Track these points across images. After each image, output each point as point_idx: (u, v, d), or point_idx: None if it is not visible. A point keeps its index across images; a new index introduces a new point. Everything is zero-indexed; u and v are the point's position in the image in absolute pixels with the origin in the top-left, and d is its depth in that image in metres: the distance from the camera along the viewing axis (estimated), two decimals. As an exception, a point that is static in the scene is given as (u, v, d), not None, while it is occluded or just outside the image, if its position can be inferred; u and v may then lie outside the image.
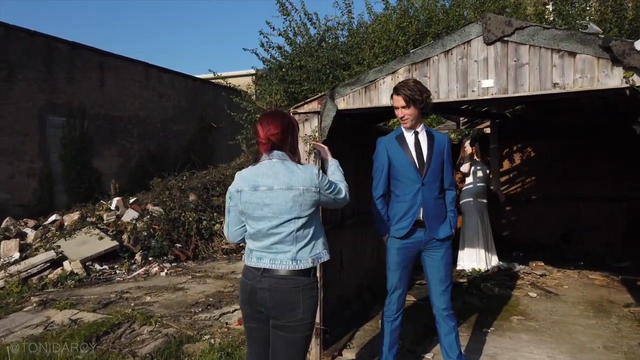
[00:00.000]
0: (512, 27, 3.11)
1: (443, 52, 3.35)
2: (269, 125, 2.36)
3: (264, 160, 2.39)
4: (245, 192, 2.37)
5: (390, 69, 3.52)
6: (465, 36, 3.27)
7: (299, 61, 9.25)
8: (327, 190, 2.36)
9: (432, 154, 3.18)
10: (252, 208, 2.35)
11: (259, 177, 2.35)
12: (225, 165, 13.17)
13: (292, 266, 2.29)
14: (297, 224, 2.29)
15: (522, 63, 3.11)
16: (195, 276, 6.97)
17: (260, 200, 2.32)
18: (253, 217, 2.36)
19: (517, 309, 5.12)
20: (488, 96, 3.24)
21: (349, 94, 3.68)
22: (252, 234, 2.40)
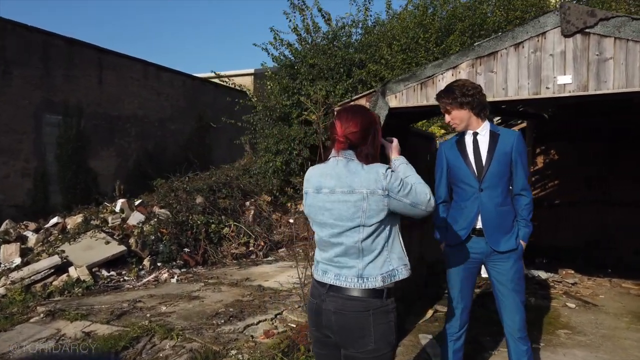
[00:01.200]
0: (595, 17, 2.82)
1: (513, 45, 3.06)
2: (349, 122, 2.05)
3: (331, 159, 2.10)
4: (310, 194, 2.12)
5: (451, 63, 3.22)
6: (539, 27, 2.98)
7: (311, 59, 8.93)
8: (399, 193, 1.95)
9: (493, 155, 2.88)
10: (314, 212, 2.10)
11: (323, 178, 2.07)
12: (228, 166, 12.81)
13: (358, 284, 1.98)
14: (362, 234, 1.97)
15: (606, 57, 2.83)
16: (208, 283, 6.61)
17: (322, 203, 2.05)
18: (317, 222, 2.10)
19: (560, 321, 4.85)
20: (565, 94, 2.95)
21: (402, 90, 3.38)
22: (317, 242, 2.14)
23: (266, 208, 10.45)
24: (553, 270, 6.76)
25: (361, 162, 2.03)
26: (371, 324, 1.96)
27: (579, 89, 2.90)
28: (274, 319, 5.07)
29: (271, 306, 5.51)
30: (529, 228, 2.91)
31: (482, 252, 2.94)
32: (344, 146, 2.04)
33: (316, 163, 2.31)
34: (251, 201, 10.44)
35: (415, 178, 2.07)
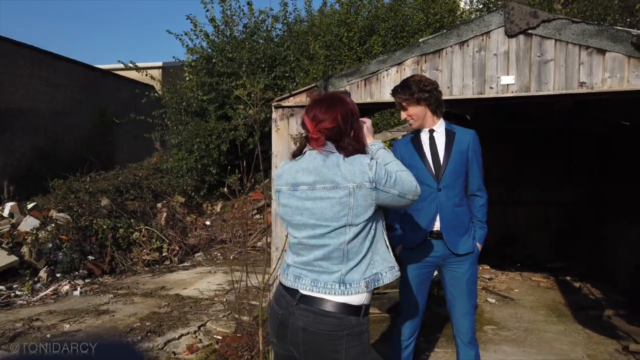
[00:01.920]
0: (538, 18, 2.84)
1: (458, 43, 3.00)
2: (322, 117, 1.81)
3: (307, 152, 1.86)
4: (284, 192, 1.88)
5: (396, 60, 3.10)
6: (484, 26, 2.95)
7: (230, 52, 8.52)
8: (386, 184, 1.75)
9: (451, 153, 2.80)
10: (289, 212, 1.85)
11: (299, 174, 1.83)
12: (135, 165, 11.91)
13: (340, 291, 1.75)
14: (348, 235, 1.75)
15: (547, 59, 2.86)
16: (118, 294, 5.99)
17: (299, 202, 1.81)
18: (292, 224, 1.86)
19: (484, 317, 4.98)
20: (508, 94, 2.94)
21: (345, 86, 3.20)
22: (291, 244, 1.90)
23: (180, 210, 9.83)
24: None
25: (341, 154, 1.80)
26: (343, 347, 1.73)
27: (521, 89, 2.91)
28: (197, 332, 4.67)
29: (193, 317, 5.08)
30: (485, 230, 2.85)
31: (440, 256, 2.83)
32: (320, 142, 1.80)
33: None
34: (163, 203, 9.75)
35: (397, 165, 1.88)
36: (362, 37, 7.42)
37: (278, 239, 3.43)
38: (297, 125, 3.29)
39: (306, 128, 1.82)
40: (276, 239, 3.43)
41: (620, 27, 2.83)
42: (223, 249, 9.12)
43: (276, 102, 3.31)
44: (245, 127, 8.85)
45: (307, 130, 1.82)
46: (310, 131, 1.80)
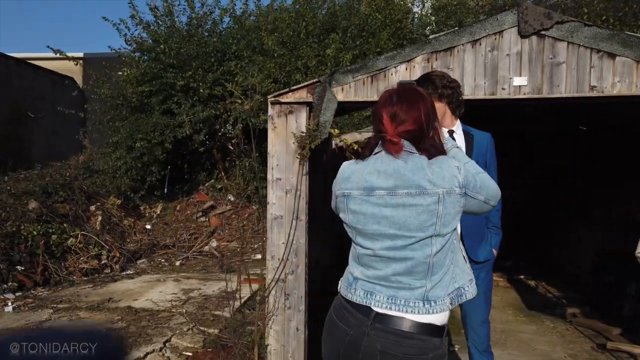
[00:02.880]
0: (551, 20, 2.81)
1: (470, 42, 2.91)
2: (404, 115, 1.59)
3: (381, 151, 1.63)
4: (354, 197, 1.64)
5: (406, 57, 2.95)
6: (497, 25, 2.88)
7: (176, 44, 7.99)
8: (474, 189, 1.59)
9: (472, 157, 2.69)
10: (362, 220, 1.62)
11: (375, 176, 1.61)
12: (60, 164, 10.87)
13: (424, 309, 1.55)
14: (435, 246, 1.56)
15: (559, 61, 2.84)
16: (59, 309, 5.35)
17: (375, 209, 1.59)
18: (366, 234, 1.62)
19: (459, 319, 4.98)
20: (520, 95, 2.89)
21: (350, 82, 3.00)
22: (361, 256, 1.66)
23: (116, 213, 9.07)
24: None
25: (423, 155, 1.59)
26: None
27: (533, 91, 2.87)
28: (164, 349, 4.24)
29: (154, 332, 4.62)
30: (500, 235, 2.78)
31: None
32: (399, 148, 1.58)
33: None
34: (97, 205, 8.95)
35: (474, 166, 1.70)
36: (321, 34, 7.23)
37: (274, 246, 3.15)
38: (296, 123, 3.03)
39: (382, 128, 1.60)
40: (272, 246, 3.14)
41: (630, 33, 2.88)
42: (167, 254, 8.53)
43: (273, 98, 3.03)
44: (191, 123, 8.34)
45: (382, 131, 1.59)
46: (389, 133, 1.57)
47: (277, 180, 3.10)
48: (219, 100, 8.46)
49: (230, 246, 9.07)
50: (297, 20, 7.38)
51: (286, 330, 3.15)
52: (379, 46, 7.11)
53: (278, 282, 3.11)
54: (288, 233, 3.04)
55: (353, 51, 7.06)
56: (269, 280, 3.15)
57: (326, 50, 6.90)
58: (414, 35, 7.38)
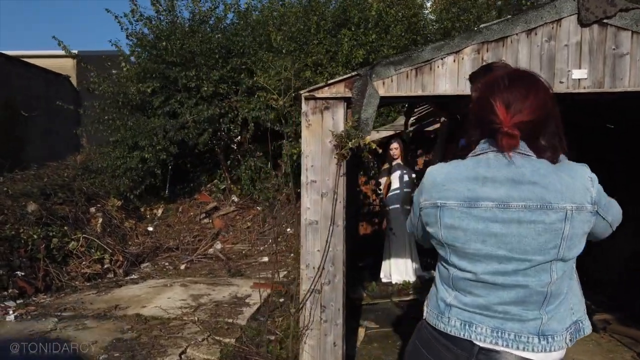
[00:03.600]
0: (615, 7, 2.59)
1: (525, 31, 2.67)
2: (519, 102, 1.31)
3: (487, 152, 1.37)
4: (452, 208, 1.37)
5: (454, 47, 2.71)
6: (555, 13, 2.65)
7: (178, 40, 7.70)
8: (604, 208, 1.34)
9: None
10: (463, 238, 1.35)
11: (479, 184, 1.33)
12: (57, 164, 10.55)
13: (540, 346, 1.30)
14: (555, 273, 1.30)
15: (622, 53, 2.62)
16: (63, 317, 5.06)
17: (481, 225, 1.32)
18: (465, 254, 1.36)
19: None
20: (579, 89, 2.66)
21: (393, 75, 2.76)
22: (457, 279, 1.40)
23: (117, 214, 8.77)
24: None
25: (544, 159, 1.33)
26: None
27: (594, 85, 2.65)
28: (181, 361, 3.98)
29: (168, 343, 4.36)
30: None
31: None
32: (515, 142, 1.30)
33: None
34: (97, 207, 8.64)
35: None
36: (333, 29, 6.98)
37: (309, 254, 2.90)
38: (332, 120, 2.78)
39: (494, 119, 1.31)
40: (307, 254, 2.89)
41: None
42: (171, 257, 8.24)
43: (308, 93, 2.78)
44: (195, 123, 8.07)
45: (494, 122, 1.32)
46: (504, 123, 1.29)
47: (312, 182, 2.85)
48: (223, 98, 8.19)
49: (235, 248, 8.81)
50: (307, 14, 7.12)
51: (322, 346, 2.90)
52: (393, 42, 6.87)
53: (313, 292, 2.86)
54: (326, 240, 2.79)
55: (366, 47, 6.82)
56: (304, 290, 2.90)
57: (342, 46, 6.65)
58: (427, 31, 7.15)
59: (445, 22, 7.18)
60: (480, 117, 1.38)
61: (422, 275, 6.50)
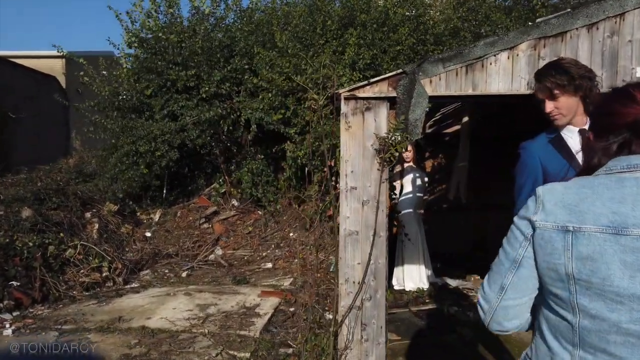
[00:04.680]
0: (684, 1, 2.39)
1: (586, 26, 2.48)
2: None
3: (635, 171, 1.14)
4: (589, 234, 1.11)
5: (509, 43, 2.50)
6: (618, 6, 2.46)
7: (177, 37, 7.43)
8: None
9: None
10: (604, 273, 1.09)
11: (628, 205, 1.09)
12: (49, 167, 10.19)
13: None
14: None
15: (689, 49, 2.42)
16: (64, 331, 4.75)
17: (631, 257, 1.07)
18: (603, 293, 1.09)
19: (512, 337, 4.57)
20: (643, 89, 2.45)
21: (441, 73, 2.54)
22: (586, 331, 1.12)
23: (113, 220, 8.44)
24: (454, 276, 6.67)
25: None
26: None
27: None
28: (197, 380, 3.72)
29: (179, 358, 4.09)
30: None
31: None
32: None
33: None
34: (93, 212, 8.30)
35: None
36: (339, 28, 6.76)
37: (349, 267, 2.67)
38: (374, 122, 2.56)
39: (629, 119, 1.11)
40: (345, 267, 2.66)
41: None
42: (170, 264, 7.94)
43: (348, 92, 2.55)
44: (195, 126, 7.80)
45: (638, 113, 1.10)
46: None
47: (352, 189, 2.62)
48: (225, 99, 7.93)
49: (237, 254, 8.53)
50: (312, 13, 6.89)
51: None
52: (400, 42, 6.67)
53: (352, 309, 2.63)
54: (368, 252, 2.56)
55: (373, 49, 6.61)
56: (343, 307, 2.66)
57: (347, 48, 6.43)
58: (435, 30, 6.96)
59: (455, 20, 6.99)
60: (612, 115, 1.15)
61: (435, 281, 6.30)
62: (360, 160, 2.61)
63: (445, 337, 4.44)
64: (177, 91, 7.71)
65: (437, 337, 4.53)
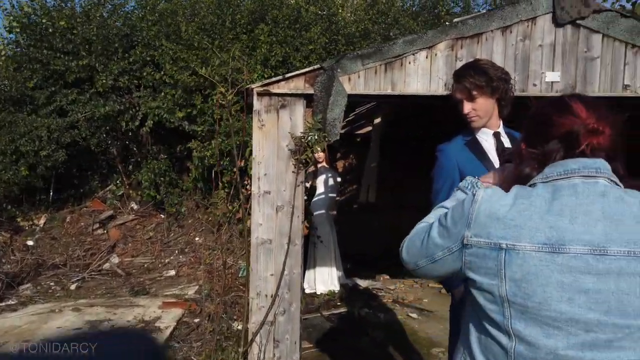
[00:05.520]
0: (589, 7, 2.49)
1: (501, 29, 2.48)
2: (604, 109, 1.06)
3: (571, 177, 1.04)
4: (525, 253, 1.00)
5: (427, 42, 2.44)
6: (531, 10, 2.48)
7: (69, 26, 6.69)
8: None
9: None
10: (540, 295, 0.98)
11: (565, 220, 0.99)
12: None
13: None
14: None
15: (594, 56, 2.52)
16: None
17: (568, 278, 0.97)
18: (540, 318, 0.99)
19: (421, 337, 4.63)
20: (552, 93, 2.53)
21: (360, 71, 2.40)
22: (520, 357, 1.01)
23: (-14, 227, 7.41)
24: (364, 277, 6.69)
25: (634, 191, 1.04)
26: None
27: (566, 88, 2.52)
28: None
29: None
30: None
31: None
32: (605, 142, 1.04)
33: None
34: (-39, 218, 7.22)
35: None
36: (249, 23, 6.47)
37: (261, 280, 2.42)
38: (290, 120, 2.34)
39: (572, 121, 1.04)
40: (257, 280, 2.41)
41: None
42: (57, 276, 7.11)
43: (261, 88, 2.31)
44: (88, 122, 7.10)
45: (573, 124, 1.04)
46: (588, 120, 1.02)
47: (265, 194, 2.38)
48: (123, 93, 7.28)
49: (136, 262, 7.89)
50: (221, 6, 6.54)
51: (277, 388, 2.44)
52: (313, 41, 6.55)
53: (264, 325, 2.39)
54: (282, 262, 2.34)
55: (286, 47, 6.42)
56: (254, 323, 2.41)
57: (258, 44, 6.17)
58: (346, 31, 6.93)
59: (366, 22, 7.01)
60: (548, 125, 1.07)
61: (346, 283, 6.26)
62: (275, 161, 2.38)
63: (357, 341, 4.36)
64: (66, 84, 6.93)
65: (349, 341, 4.44)
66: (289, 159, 2.38)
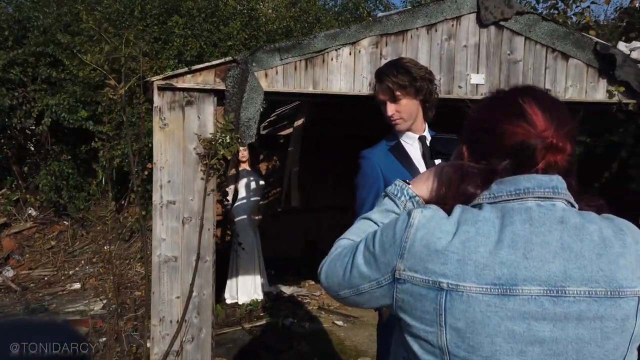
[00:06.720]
0: (512, 9, 2.43)
1: (426, 26, 2.36)
2: (565, 119, 0.87)
3: (524, 199, 0.86)
4: (470, 296, 0.81)
5: (351, 37, 2.26)
6: (455, 8, 2.38)
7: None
8: None
9: None
10: (489, 348, 0.80)
11: (517, 254, 0.81)
12: None
13: None
14: None
15: (517, 59, 2.48)
16: None
17: (521, 326, 0.80)
18: None
19: (348, 346, 4.49)
20: (477, 96, 2.45)
21: (278, 66, 2.17)
22: None
23: None
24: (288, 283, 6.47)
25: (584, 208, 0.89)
26: None
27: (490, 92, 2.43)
28: None
29: None
30: None
31: None
32: (565, 161, 0.86)
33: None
34: None
35: None
36: (161, 14, 6.01)
37: (164, 304, 2.09)
38: (198, 120, 2.04)
39: (527, 130, 0.85)
40: (160, 304, 2.08)
41: (586, 34, 2.64)
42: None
43: (163, 81, 1.99)
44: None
45: (528, 134, 0.85)
46: (547, 132, 0.84)
47: (169, 204, 2.07)
48: (16, 86, 6.51)
49: (34, 275, 7.12)
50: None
51: None
52: (232, 37, 6.22)
53: (169, 356, 2.08)
54: (189, 282, 2.04)
55: (201, 41, 6.04)
56: (157, 354, 2.09)
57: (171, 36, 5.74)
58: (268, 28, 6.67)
59: (287, 19, 6.79)
60: (494, 134, 0.88)
61: (270, 290, 6.00)
62: (180, 167, 2.07)
63: (282, 356, 4.11)
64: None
65: (272, 356, 4.19)
66: (198, 164, 2.09)
